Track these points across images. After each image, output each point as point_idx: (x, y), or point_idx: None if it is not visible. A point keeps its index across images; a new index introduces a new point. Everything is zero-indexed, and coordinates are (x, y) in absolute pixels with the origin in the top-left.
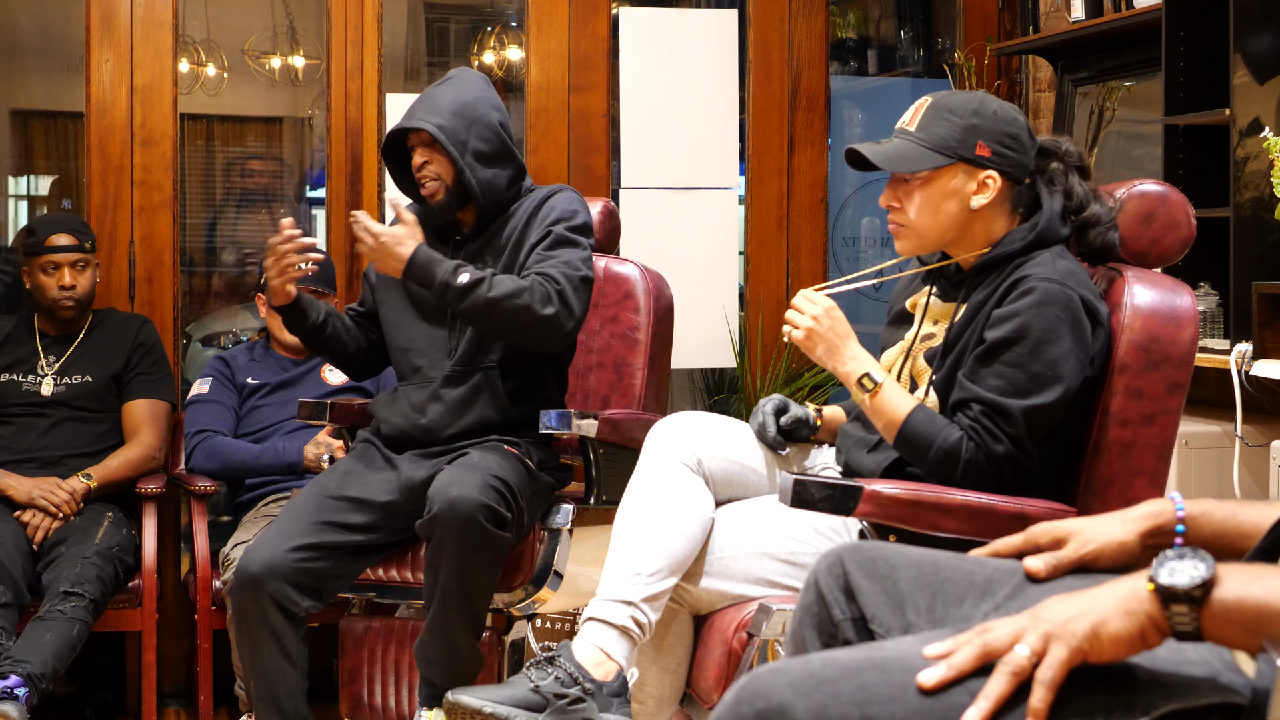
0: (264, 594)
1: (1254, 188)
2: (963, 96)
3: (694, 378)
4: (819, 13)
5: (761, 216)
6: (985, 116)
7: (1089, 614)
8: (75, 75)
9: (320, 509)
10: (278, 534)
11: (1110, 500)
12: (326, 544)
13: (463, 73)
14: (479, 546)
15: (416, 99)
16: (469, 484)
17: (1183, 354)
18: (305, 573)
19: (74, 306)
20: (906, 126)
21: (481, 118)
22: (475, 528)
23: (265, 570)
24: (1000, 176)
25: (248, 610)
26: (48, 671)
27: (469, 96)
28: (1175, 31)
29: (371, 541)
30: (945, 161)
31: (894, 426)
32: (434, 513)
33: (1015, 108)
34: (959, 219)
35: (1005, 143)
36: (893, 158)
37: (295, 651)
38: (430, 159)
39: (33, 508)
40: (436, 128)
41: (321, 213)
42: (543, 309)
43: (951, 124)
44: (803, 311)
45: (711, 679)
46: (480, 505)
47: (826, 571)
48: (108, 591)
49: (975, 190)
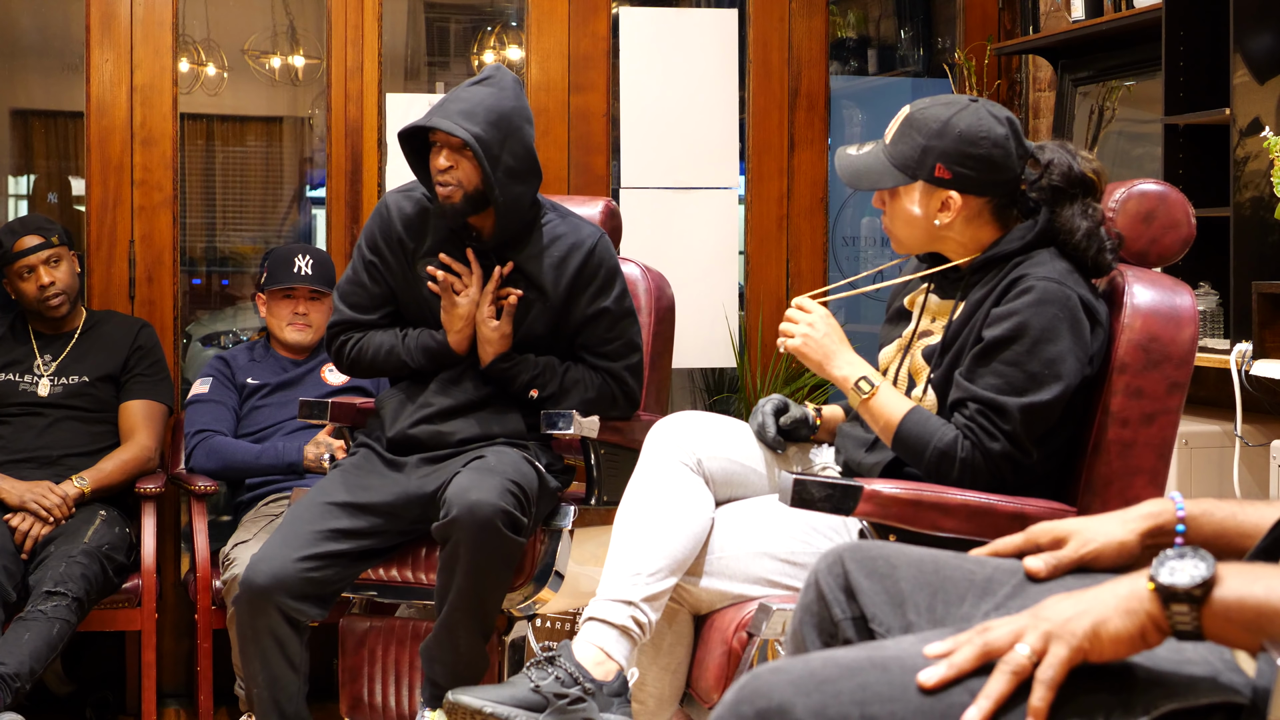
0: (271, 606)
1: (1254, 187)
2: (935, 111)
3: (694, 378)
4: (819, 12)
5: (761, 216)
6: (948, 137)
7: (1089, 613)
8: (75, 75)
9: (324, 516)
10: (283, 544)
11: (1110, 500)
12: (332, 553)
13: (500, 75)
14: (495, 551)
15: (451, 92)
16: (488, 488)
17: (1182, 353)
18: (312, 583)
19: (61, 302)
20: (885, 136)
21: (516, 130)
22: (493, 532)
23: (273, 582)
24: (961, 196)
25: (253, 622)
26: (24, 671)
27: (507, 105)
28: (1175, 31)
29: (374, 546)
30: (905, 180)
31: (890, 429)
32: (452, 516)
33: (995, 122)
34: (931, 231)
35: (966, 164)
36: (860, 173)
37: (299, 658)
38: (456, 164)
39: (24, 511)
40: (473, 137)
41: (321, 212)
42: (610, 410)
43: (913, 143)
44: (796, 320)
45: (711, 679)
46: (499, 510)
47: (827, 571)
48: (94, 590)
49: (938, 209)
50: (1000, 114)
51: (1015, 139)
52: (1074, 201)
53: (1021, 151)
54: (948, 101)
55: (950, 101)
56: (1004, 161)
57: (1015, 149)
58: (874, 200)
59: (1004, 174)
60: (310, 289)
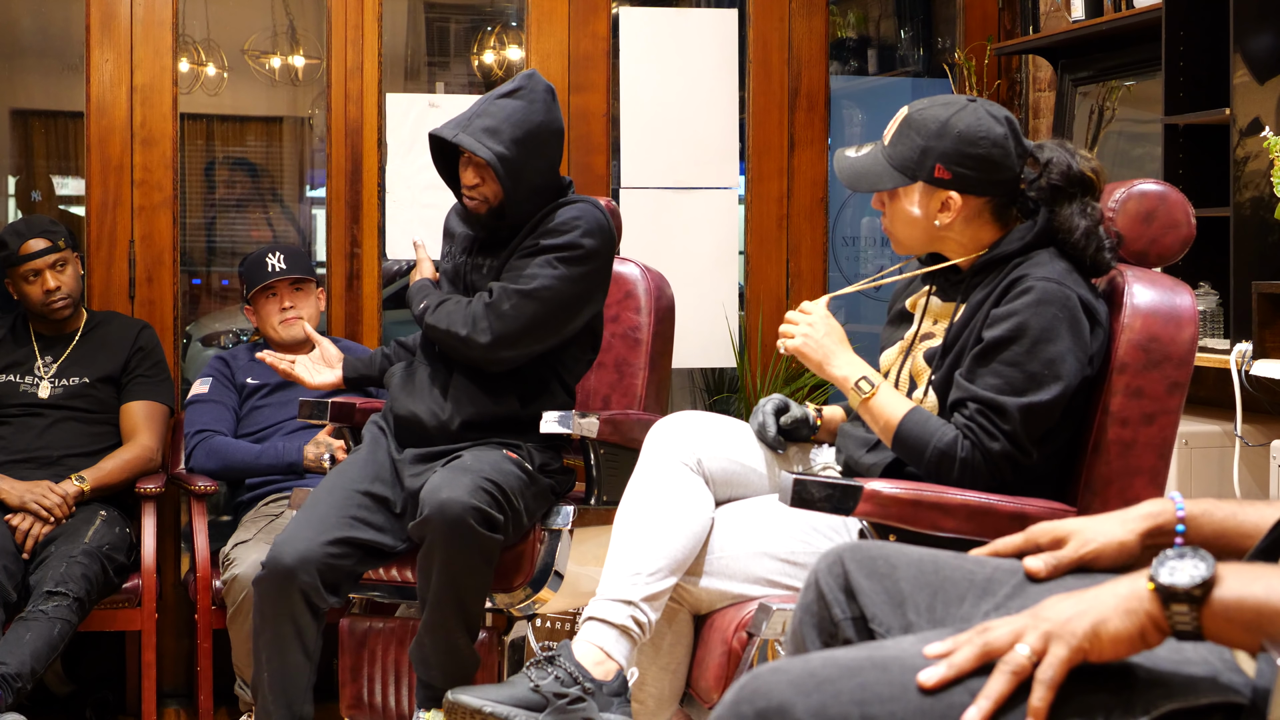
0: (295, 587)
1: (1254, 187)
2: (934, 111)
3: (694, 378)
4: (819, 12)
5: (761, 216)
6: (947, 137)
7: (1089, 613)
8: (75, 75)
9: (348, 503)
10: (309, 525)
11: (1110, 500)
12: (356, 540)
13: (532, 85)
14: (469, 548)
15: (479, 102)
16: (459, 486)
17: (1182, 353)
18: (334, 569)
19: (65, 305)
20: (884, 137)
21: (542, 147)
22: (464, 529)
23: (299, 562)
24: (961, 196)
25: (275, 603)
26: (25, 671)
27: (535, 122)
28: (1175, 31)
29: (386, 544)
30: (905, 181)
31: (890, 429)
32: (424, 515)
33: (994, 121)
34: (931, 232)
35: (966, 164)
36: (859, 175)
37: (314, 646)
38: (482, 180)
39: (24, 511)
40: (496, 157)
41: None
42: (461, 330)
43: (912, 143)
44: (796, 321)
45: (711, 678)
46: (470, 507)
47: (827, 571)
48: (94, 590)
49: (938, 209)
50: (999, 114)
51: (1014, 138)
52: (1073, 200)
53: (1020, 151)
54: (946, 102)
55: (949, 102)
56: (1003, 161)
57: (1014, 148)
58: (873, 202)
59: (1003, 173)
60: (289, 280)
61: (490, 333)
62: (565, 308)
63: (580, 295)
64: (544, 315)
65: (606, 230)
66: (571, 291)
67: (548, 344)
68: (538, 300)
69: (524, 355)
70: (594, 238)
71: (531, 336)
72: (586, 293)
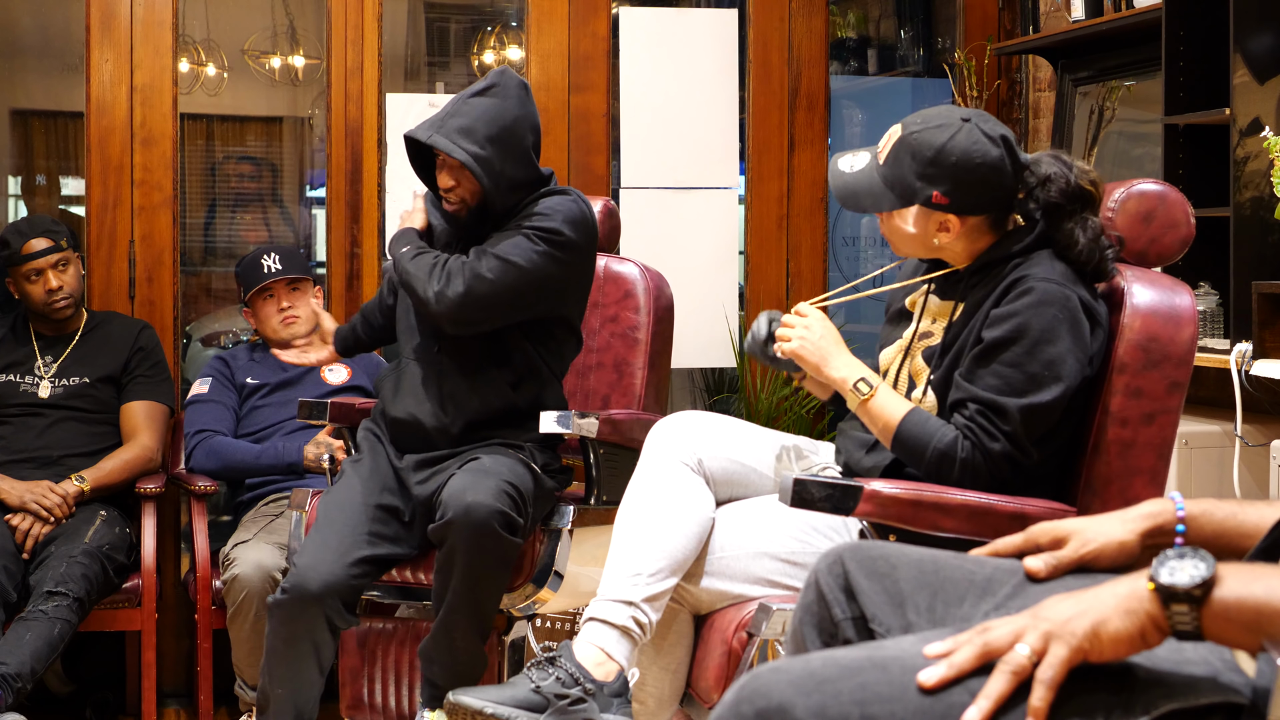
0: (319, 611)
1: (1254, 187)
2: (928, 136)
3: (694, 378)
4: (819, 12)
5: (761, 216)
6: (943, 165)
7: (1089, 613)
8: (75, 75)
9: (364, 519)
10: (329, 547)
11: (1110, 500)
12: (376, 557)
13: (504, 81)
14: (491, 552)
15: (452, 103)
16: (484, 490)
17: (1182, 353)
18: (355, 589)
19: (67, 305)
20: (879, 154)
21: (518, 142)
22: (489, 533)
23: (324, 589)
24: (959, 217)
25: (295, 625)
26: (24, 671)
27: (508, 118)
28: (1175, 31)
29: (401, 554)
30: (901, 205)
31: (889, 430)
32: (448, 518)
33: (990, 143)
34: (930, 247)
35: (962, 189)
36: (856, 194)
37: (328, 662)
38: (459, 182)
39: (24, 511)
40: (471, 157)
41: (321, 212)
42: (435, 281)
43: (908, 167)
44: (792, 325)
45: (712, 679)
46: (496, 511)
47: (827, 571)
48: (94, 590)
49: (936, 229)
50: (994, 132)
51: (1010, 157)
52: (1073, 216)
53: (1017, 168)
54: (940, 123)
55: (943, 123)
56: (1000, 181)
57: (1011, 167)
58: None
59: (1001, 192)
60: (286, 280)
61: (464, 286)
62: (540, 285)
63: (556, 277)
64: (519, 285)
65: (587, 222)
66: (548, 270)
67: (514, 318)
68: (516, 269)
69: (488, 321)
70: (574, 228)
71: (502, 302)
72: (563, 277)
